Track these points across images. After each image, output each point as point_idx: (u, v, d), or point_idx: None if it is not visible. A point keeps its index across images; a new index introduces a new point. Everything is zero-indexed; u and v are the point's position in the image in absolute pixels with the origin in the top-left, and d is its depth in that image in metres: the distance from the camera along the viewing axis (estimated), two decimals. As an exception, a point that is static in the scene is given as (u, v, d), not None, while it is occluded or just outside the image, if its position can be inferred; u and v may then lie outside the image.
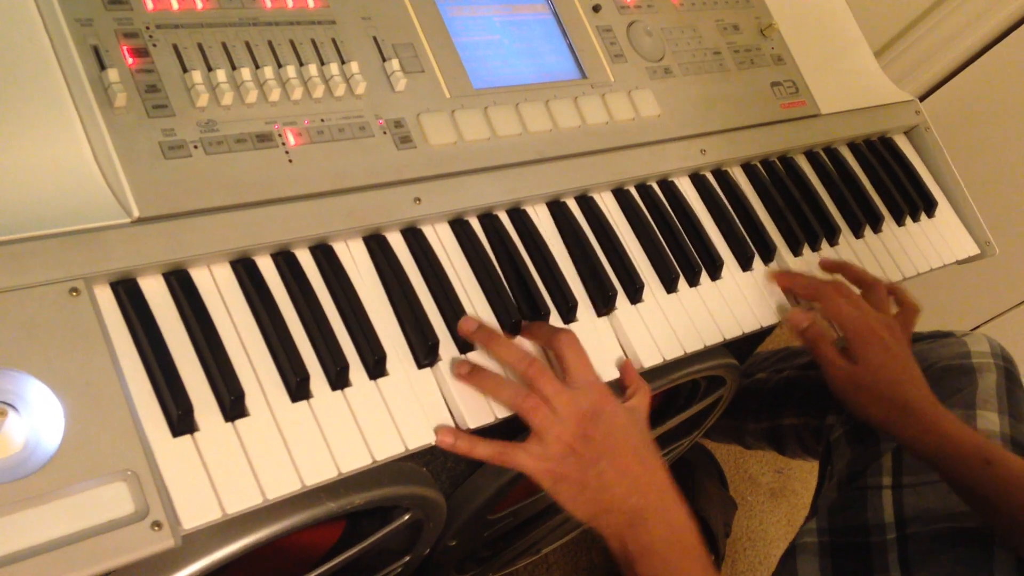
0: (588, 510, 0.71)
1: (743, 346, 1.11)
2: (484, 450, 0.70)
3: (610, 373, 0.79)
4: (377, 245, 0.73)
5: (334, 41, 0.75)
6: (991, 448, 0.83)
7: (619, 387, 0.79)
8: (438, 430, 0.68)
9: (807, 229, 0.98)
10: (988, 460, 0.82)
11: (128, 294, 0.61)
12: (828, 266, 0.96)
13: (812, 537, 0.95)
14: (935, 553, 0.87)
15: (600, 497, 0.71)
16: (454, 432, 0.69)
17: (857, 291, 0.94)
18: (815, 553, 0.95)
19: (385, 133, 0.75)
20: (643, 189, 0.90)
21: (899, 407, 0.86)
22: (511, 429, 0.72)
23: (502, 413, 0.72)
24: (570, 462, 0.70)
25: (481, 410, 0.71)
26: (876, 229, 1.05)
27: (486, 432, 0.71)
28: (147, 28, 0.67)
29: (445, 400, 0.71)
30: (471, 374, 0.71)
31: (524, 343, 0.75)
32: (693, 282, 0.88)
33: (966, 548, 0.85)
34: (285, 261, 0.68)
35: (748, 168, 1.00)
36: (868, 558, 0.91)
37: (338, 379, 0.66)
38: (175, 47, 0.68)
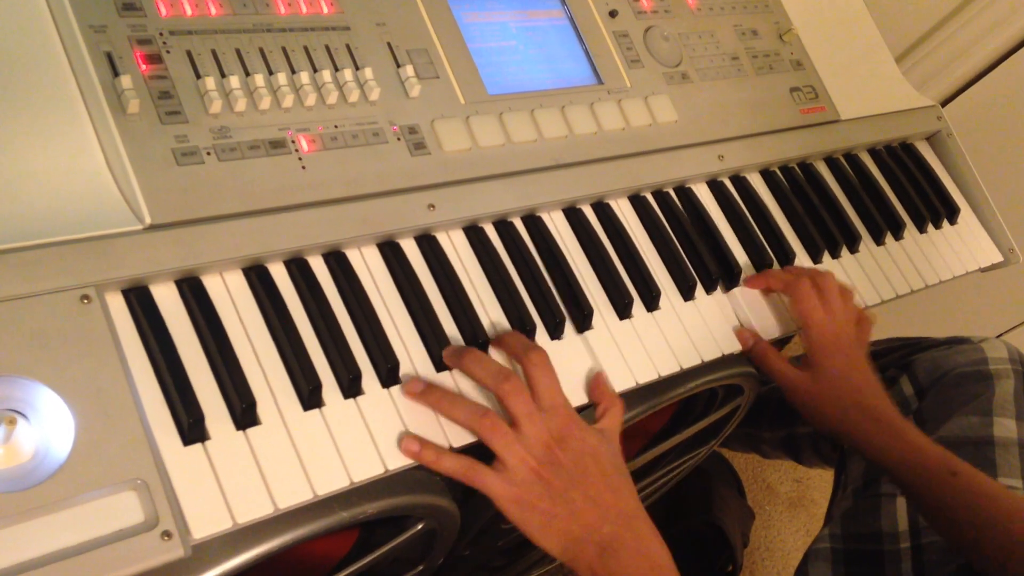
0: (558, 541, 0.67)
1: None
2: (450, 463, 0.66)
3: (626, 382, 0.78)
4: (391, 252, 0.72)
5: (348, 47, 0.75)
6: (956, 460, 0.80)
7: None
8: (403, 437, 0.65)
9: (827, 236, 0.97)
10: (953, 471, 0.79)
11: (140, 301, 0.61)
12: (788, 270, 0.91)
13: (825, 543, 0.94)
14: (949, 564, 0.86)
15: (570, 527, 0.67)
16: (421, 441, 0.66)
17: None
18: (828, 559, 0.93)
19: (399, 139, 0.74)
20: (660, 196, 0.89)
21: (863, 414, 0.83)
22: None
23: (458, 440, 0.68)
24: (537, 489, 0.67)
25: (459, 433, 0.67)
26: (897, 236, 1.03)
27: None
28: (160, 35, 0.67)
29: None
30: (424, 393, 0.67)
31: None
32: (710, 289, 0.87)
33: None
34: (298, 268, 0.68)
35: (767, 174, 0.98)
36: (881, 566, 0.90)
37: (351, 387, 0.66)
38: (188, 53, 0.68)
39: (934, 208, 1.08)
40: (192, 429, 0.58)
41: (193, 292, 0.63)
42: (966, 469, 0.80)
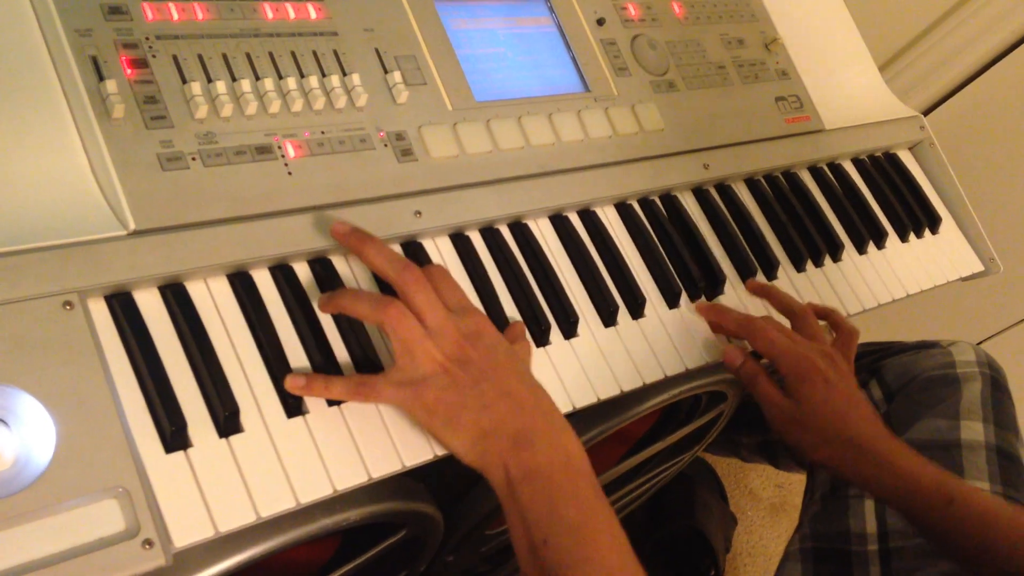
0: (467, 436, 0.63)
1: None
2: (339, 387, 0.63)
3: (611, 389, 0.78)
4: (376, 259, 0.72)
5: (336, 53, 0.75)
6: (953, 485, 0.77)
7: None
8: (287, 376, 0.63)
9: (810, 245, 0.97)
10: (950, 498, 0.75)
11: (123, 308, 0.60)
12: (754, 289, 0.90)
13: (795, 545, 0.95)
14: (919, 569, 0.86)
15: (480, 419, 0.62)
16: (306, 375, 0.63)
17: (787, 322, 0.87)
18: (797, 559, 0.93)
19: (386, 146, 0.74)
20: (646, 204, 0.89)
21: (848, 445, 0.78)
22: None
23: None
24: (442, 383, 0.63)
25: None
26: (880, 245, 1.04)
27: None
28: (146, 39, 0.67)
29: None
30: (329, 300, 0.64)
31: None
32: (695, 297, 0.87)
33: (950, 564, 0.84)
34: (283, 275, 0.68)
35: (752, 183, 0.99)
36: (849, 566, 0.90)
37: (335, 395, 0.65)
38: (175, 58, 0.67)
39: (916, 217, 1.08)
40: (174, 437, 0.58)
41: (177, 299, 0.63)
42: (963, 495, 0.76)
